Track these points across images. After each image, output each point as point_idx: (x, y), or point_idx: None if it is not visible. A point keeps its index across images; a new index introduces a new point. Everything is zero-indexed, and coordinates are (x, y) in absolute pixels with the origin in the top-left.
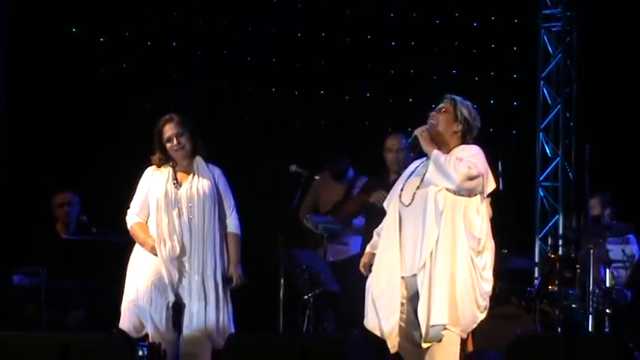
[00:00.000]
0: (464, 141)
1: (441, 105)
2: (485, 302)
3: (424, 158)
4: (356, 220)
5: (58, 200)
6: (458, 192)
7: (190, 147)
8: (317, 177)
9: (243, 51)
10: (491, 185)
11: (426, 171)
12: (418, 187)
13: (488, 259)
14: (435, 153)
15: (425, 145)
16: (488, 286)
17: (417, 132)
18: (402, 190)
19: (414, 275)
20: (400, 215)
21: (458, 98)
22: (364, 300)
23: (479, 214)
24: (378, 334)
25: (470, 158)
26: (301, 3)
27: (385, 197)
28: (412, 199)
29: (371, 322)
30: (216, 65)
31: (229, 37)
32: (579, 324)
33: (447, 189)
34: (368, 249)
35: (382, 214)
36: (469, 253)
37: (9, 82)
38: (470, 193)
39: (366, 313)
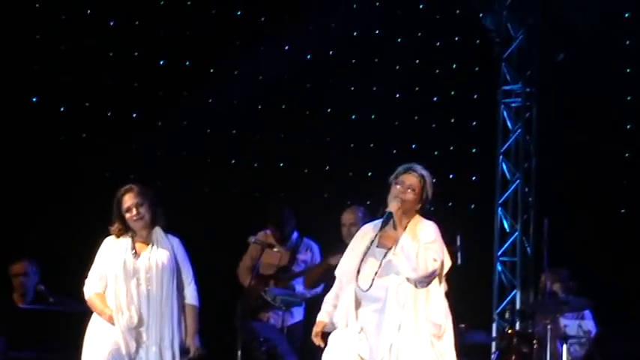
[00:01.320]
0: (419, 213)
1: (411, 180)
2: None
3: (376, 222)
4: (298, 285)
5: (14, 270)
6: (418, 282)
7: (150, 217)
8: (275, 249)
9: (202, 120)
10: (447, 265)
11: (384, 255)
12: (376, 273)
13: (449, 341)
14: (404, 239)
15: (398, 224)
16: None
17: (393, 209)
18: (358, 272)
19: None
20: (357, 297)
21: (426, 175)
22: None
23: (439, 298)
24: None
25: (432, 245)
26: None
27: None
28: (370, 286)
29: None
30: (176, 135)
31: (188, 108)
32: None
33: (407, 279)
34: (321, 318)
35: None
36: (430, 341)
37: None
38: (430, 281)
39: None
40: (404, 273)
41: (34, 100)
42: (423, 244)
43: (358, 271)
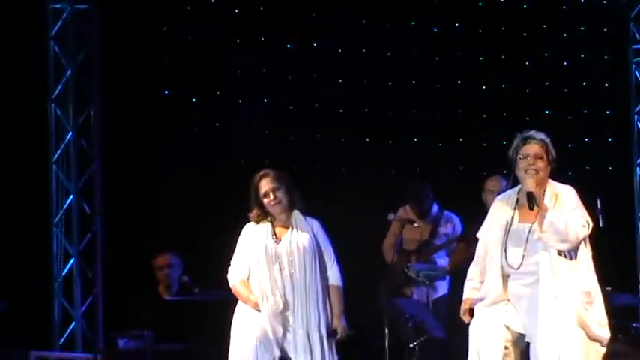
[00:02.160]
0: (550, 178)
1: (534, 150)
2: (604, 341)
3: (508, 195)
4: (440, 259)
5: (158, 262)
6: (569, 252)
7: (287, 201)
8: (415, 224)
9: (337, 103)
10: (590, 228)
11: (528, 231)
12: (525, 249)
13: (600, 305)
14: (551, 216)
15: (540, 203)
16: (606, 332)
17: (532, 187)
18: (505, 250)
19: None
20: (504, 271)
21: (545, 138)
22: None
23: (587, 263)
24: None
25: (577, 211)
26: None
27: None
28: (521, 264)
29: None
30: (309, 119)
31: (320, 90)
32: None
33: (558, 251)
34: (467, 295)
35: None
36: (584, 307)
37: (104, 143)
38: (578, 245)
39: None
40: (555, 247)
41: (166, 92)
42: (569, 211)
43: (505, 249)
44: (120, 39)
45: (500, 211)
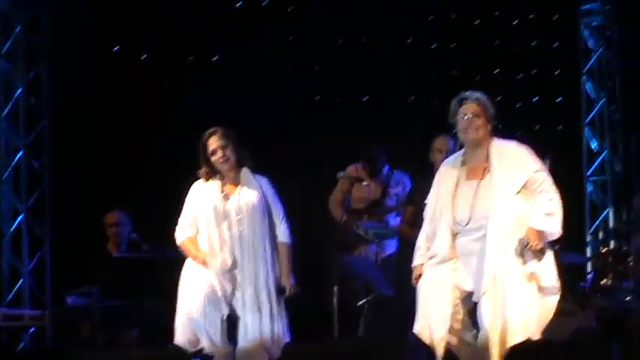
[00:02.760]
0: (493, 134)
1: (470, 110)
2: (554, 298)
3: (454, 158)
4: (392, 219)
5: (108, 220)
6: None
7: (235, 159)
8: (365, 183)
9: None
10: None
11: (477, 186)
12: (472, 205)
13: (551, 260)
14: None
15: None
16: (555, 287)
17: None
18: (454, 208)
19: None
20: (452, 230)
21: (481, 97)
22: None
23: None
24: (427, 341)
25: (542, 173)
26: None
27: None
28: (469, 219)
29: (420, 330)
30: (259, 78)
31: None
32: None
33: (504, 195)
34: (417, 262)
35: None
36: (533, 262)
37: (53, 100)
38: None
39: (416, 319)
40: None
41: (116, 49)
42: (532, 174)
43: (453, 207)
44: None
45: (447, 174)
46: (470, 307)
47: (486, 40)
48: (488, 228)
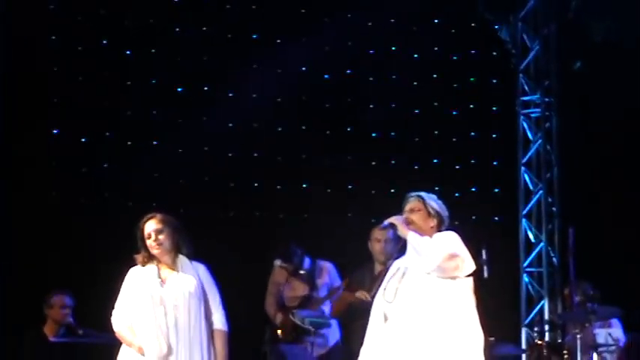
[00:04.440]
0: (439, 231)
1: (410, 205)
2: None
3: (403, 257)
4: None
5: (55, 302)
6: (437, 273)
7: (170, 244)
8: (302, 271)
9: (224, 148)
10: (469, 266)
11: (406, 269)
12: (400, 283)
13: (476, 345)
14: (412, 234)
15: (401, 229)
16: None
17: (392, 219)
18: (384, 289)
19: None
20: (384, 313)
21: (424, 194)
22: None
23: (462, 300)
24: None
25: (447, 240)
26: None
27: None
28: (395, 296)
29: None
30: (198, 162)
31: (211, 135)
32: None
33: (429, 278)
34: None
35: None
36: (456, 344)
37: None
38: (448, 275)
39: None
40: (419, 267)
41: (55, 132)
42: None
43: (384, 289)
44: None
45: (395, 265)
46: None
47: (425, 130)
48: (411, 306)
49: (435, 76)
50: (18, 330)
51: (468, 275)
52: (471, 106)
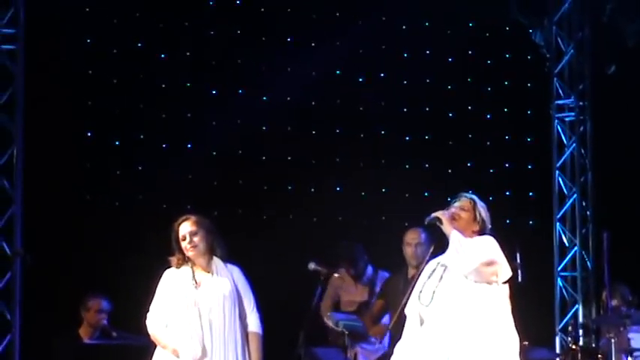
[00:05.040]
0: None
1: (461, 203)
2: None
3: (440, 256)
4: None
5: (91, 305)
6: (474, 277)
7: (205, 246)
8: (337, 274)
9: (258, 150)
10: (506, 273)
11: (444, 270)
12: (437, 287)
13: (512, 350)
14: (455, 233)
15: (446, 225)
16: None
17: (439, 213)
18: (420, 291)
19: None
20: (420, 316)
21: (476, 198)
22: None
23: (499, 305)
24: None
25: (486, 245)
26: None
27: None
28: (432, 299)
29: None
30: (231, 165)
31: (242, 140)
32: None
33: (466, 282)
34: None
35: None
36: (493, 349)
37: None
38: (485, 280)
39: None
40: (457, 267)
41: (89, 134)
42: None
43: (420, 291)
44: (43, 78)
45: (429, 267)
46: None
47: (460, 134)
48: (448, 310)
49: (469, 79)
50: (53, 332)
51: (505, 282)
52: (506, 109)
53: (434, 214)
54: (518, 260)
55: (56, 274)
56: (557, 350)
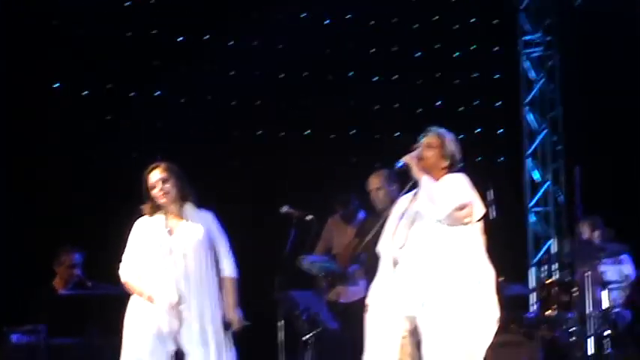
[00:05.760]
0: (448, 173)
1: (428, 139)
2: (492, 327)
3: (411, 192)
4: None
5: (64, 260)
6: (448, 222)
7: (176, 193)
8: (308, 217)
9: (228, 94)
10: (479, 211)
11: (416, 214)
12: (410, 229)
13: (489, 285)
14: (425, 179)
15: (415, 171)
16: (494, 312)
17: (407, 159)
18: (393, 233)
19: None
20: (394, 258)
21: (444, 132)
22: None
23: (473, 243)
24: None
25: (458, 187)
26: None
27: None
28: (405, 241)
29: None
30: (203, 111)
31: (214, 86)
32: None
33: (439, 225)
34: None
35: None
36: (469, 286)
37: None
38: (459, 223)
39: (365, 351)
40: (430, 215)
41: (56, 86)
42: (444, 186)
43: (393, 233)
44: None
45: (398, 209)
46: (418, 339)
47: (427, 73)
48: (422, 252)
49: (435, 17)
50: (29, 285)
51: (479, 220)
52: (473, 47)
53: (402, 160)
54: (490, 197)
55: (29, 227)
56: (531, 285)
